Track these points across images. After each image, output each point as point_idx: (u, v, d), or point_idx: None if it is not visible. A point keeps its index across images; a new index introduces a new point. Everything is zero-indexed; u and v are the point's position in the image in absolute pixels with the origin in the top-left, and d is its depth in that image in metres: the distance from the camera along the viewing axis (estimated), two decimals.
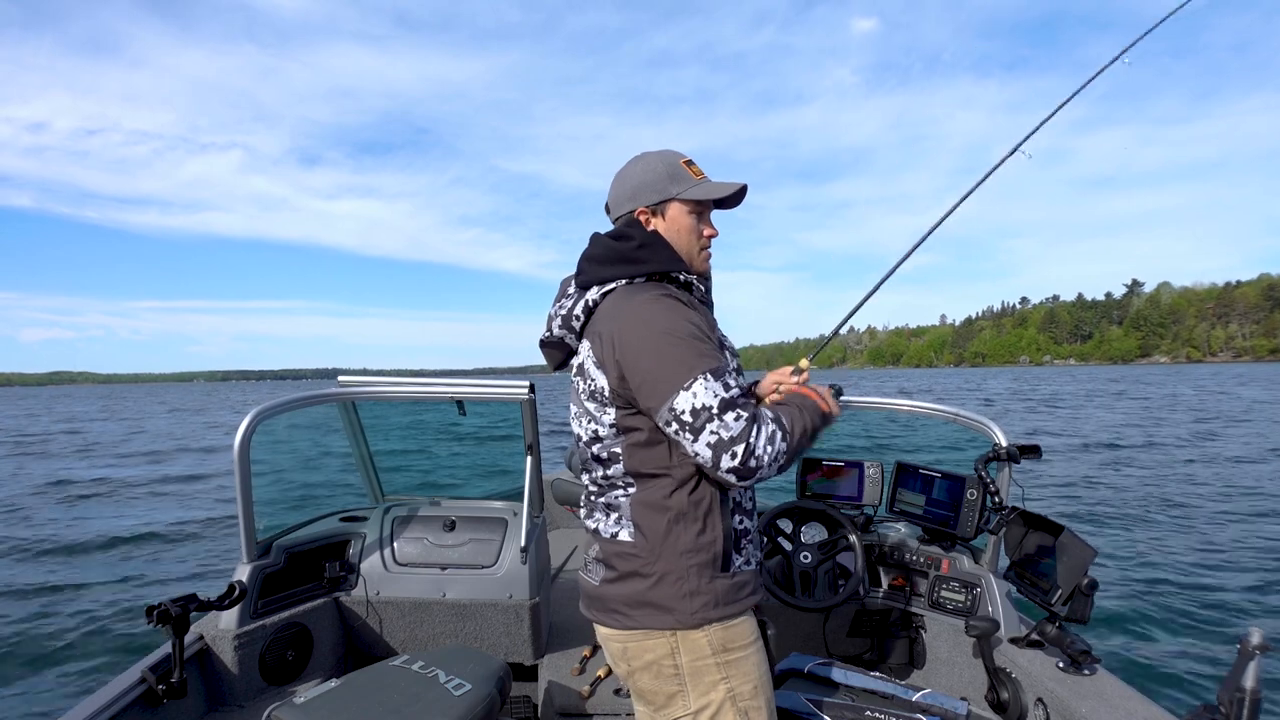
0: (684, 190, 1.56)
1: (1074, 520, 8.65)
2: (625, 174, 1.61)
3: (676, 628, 1.46)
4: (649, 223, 1.58)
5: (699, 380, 1.34)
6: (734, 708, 1.48)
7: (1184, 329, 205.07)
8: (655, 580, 1.46)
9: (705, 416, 1.33)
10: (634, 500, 1.50)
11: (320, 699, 2.09)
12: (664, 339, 1.39)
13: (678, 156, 1.60)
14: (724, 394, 1.34)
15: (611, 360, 1.46)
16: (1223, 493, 10.48)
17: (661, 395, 1.37)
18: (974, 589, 2.84)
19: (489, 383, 2.99)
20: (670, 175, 1.57)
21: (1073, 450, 15.54)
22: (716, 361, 1.39)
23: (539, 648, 3.04)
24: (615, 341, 1.45)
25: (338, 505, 3.35)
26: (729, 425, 1.32)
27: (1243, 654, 1.68)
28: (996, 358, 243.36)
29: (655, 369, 1.39)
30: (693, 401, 1.34)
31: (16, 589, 6.81)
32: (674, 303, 1.45)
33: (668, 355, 1.38)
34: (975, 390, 49.42)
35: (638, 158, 1.62)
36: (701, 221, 1.60)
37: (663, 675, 1.50)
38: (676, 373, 1.36)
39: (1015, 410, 28.91)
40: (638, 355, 1.41)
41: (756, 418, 1.35)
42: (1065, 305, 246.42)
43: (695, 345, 1.39)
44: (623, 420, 1.49)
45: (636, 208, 1.58)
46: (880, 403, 3.18)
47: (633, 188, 1.59)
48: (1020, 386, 51.33)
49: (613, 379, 1.47)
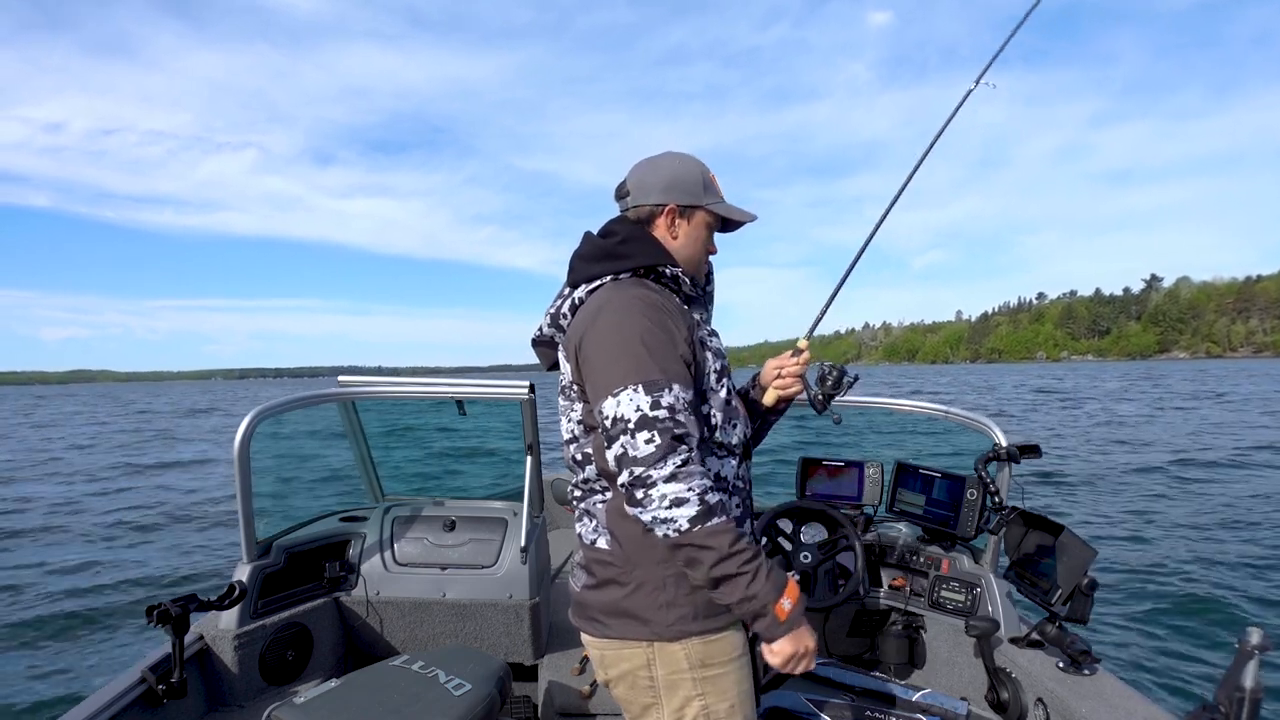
0: (713, 203, 1.57)
1: (1074, 520, 8.57)
2: (660, 164, 1.57)
3: (653, 639, 1.43)
4: (674, 222, 1.56)
5: (627, 389, 1.31)
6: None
7: (1203, 324, 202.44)
8: (632, 589, 1.44)
9: (620, 427, 1.30)
10: (609, 507, 1.48)
11: (320, 699, 2.10)
12: (618, 339, 1.37)
13: (706, 168, 1.60)
14: (647, 411, 1.29)
15: (572, 351, 1.47)
16: (1223, 492, 10.38)
17: (596, 395, 1.37)
18: (974, 589, 2.82)
19: (489, 382, 3.00)
20: (705, 184, 1.57)
21: (1074, 450, 15.41)
22: (656, 374, 1.33)
23: (539, 648, 3.04)
24: (580, 333, 1.45)
25: (338, 505, 3.37)
26: (637, 445, 1.28)
27: (1242, 653, 1.67)
28: (1013, 354, 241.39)
29: (600, 366, 1.38)
30: (615, 409, 1.31)
31: (17, 589, 6.90)
32: (646, 305, 1.41)
33: (614, 355, 1.36)
34: (995, 388, 48.90)
35: (671, 154, 1.60)
36: (711, 237, 1.62)
37: (638, 686, 1.48)
38: (611, 377, 1.34)
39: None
40: (592, 350, 1.41)
41: (672, 452, 1.27)
42: (1083, 300, 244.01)
43: (643, 353, 1.34)
44: (587, 416, 1.48)
45: (670, 202, 1.55)
46: (880, 402, 3.17)
47: (668, 181, 1.55)
48: (1053, 384, 50.53)
49: (573, 369, 1.48)
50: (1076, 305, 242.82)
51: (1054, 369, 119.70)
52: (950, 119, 2.17)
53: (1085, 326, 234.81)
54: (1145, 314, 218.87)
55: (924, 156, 2.10)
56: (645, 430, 1.28)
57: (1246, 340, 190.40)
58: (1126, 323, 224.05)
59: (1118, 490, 10.62)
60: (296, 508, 3.27)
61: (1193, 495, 10.22)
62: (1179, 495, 10.22)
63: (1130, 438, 17.42)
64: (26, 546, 8.67)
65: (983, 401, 32.67)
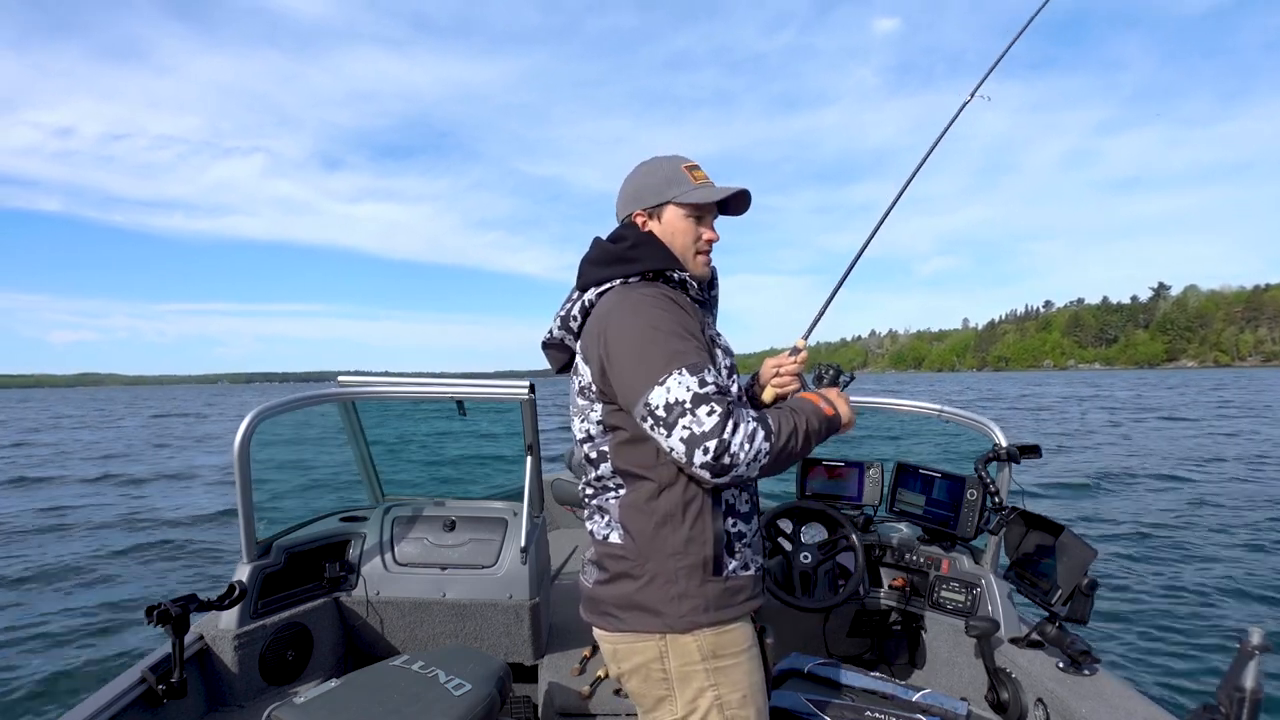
0: (680, 194, 1.59)
1: (1073, 520, 8.53)
2: (629, 179, 1.66)
3: (666, 631, 1.45)
4: (645, 225, 1.61)
5: (673, 375, 1.34)
6: (720, 716, 1.47)
7: (1212, 333, 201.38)
8: (645, 582, 1.47)
9: (678, 411, 1.32)
10: (622, 503, 1.51)
11: (320, 699, 2.10)
12: (644, 334, 1.41)
13: (680, 162, 1.63)
14: (698, 389, 1.33)
15: (595, 354, 1.49)
16: (1222, 492, 10.34)
17: (638, 390, 1.38)
18: (974, 589, 2.82)
19: (489, 383, 3.00)
20: (668, 180, 1.60)
21: (1071, 451, 15.34)
22: (695, 357, 1.38)
23: (539, 648, 3.04)
24: (600, 336, 1.48)
25: (338, 505, 3.37)
26: (701, 420, 1.31)
27: (1242, 653, 1.67)
28: (1019, 362, 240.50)
29: (634, 363, 1.40)
30: (666, 396, 1.34)
31: (16, 588, 6.92)
32: (663, 300, 1.46)
33: (646, 350, 1.39)
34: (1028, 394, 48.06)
35: (643, 163, 1.66)
36: (701, 225, 1.62)
37: (651, 679, 1.50)
38: (653, 367, 1.36)
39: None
40: (619, 350, 1.43)
41: (732, 414, 1.33)
42: (1090, 309, 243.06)
43: (675, 341, 1.39)
44: (608, 417, 1.51)
45: (634, 210, 1.62)
46: (880, 403, 3.16)
47: (633, 192, 1.63)
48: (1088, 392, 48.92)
49: (595, 373, 1.49)
50: (1084, 313, 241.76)
51: (1062, 378, 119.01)
52: (945, 131, 2.18)
53: (1093, 335, 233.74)
54: (1153, 322, 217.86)
55: (918, 168, 2.13)
56: (703, 405, 1.32)
57: (1255, 349, 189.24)
58: (1134, 331, 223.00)
59: (1117, 490, 10.58)
60: (296, 508, 3.28)
61: (1192, 495, 10.17)
62: (1179, 495, 10.17)
63: (1134, 441, 17.35)
64: (26, 546, 8.69)
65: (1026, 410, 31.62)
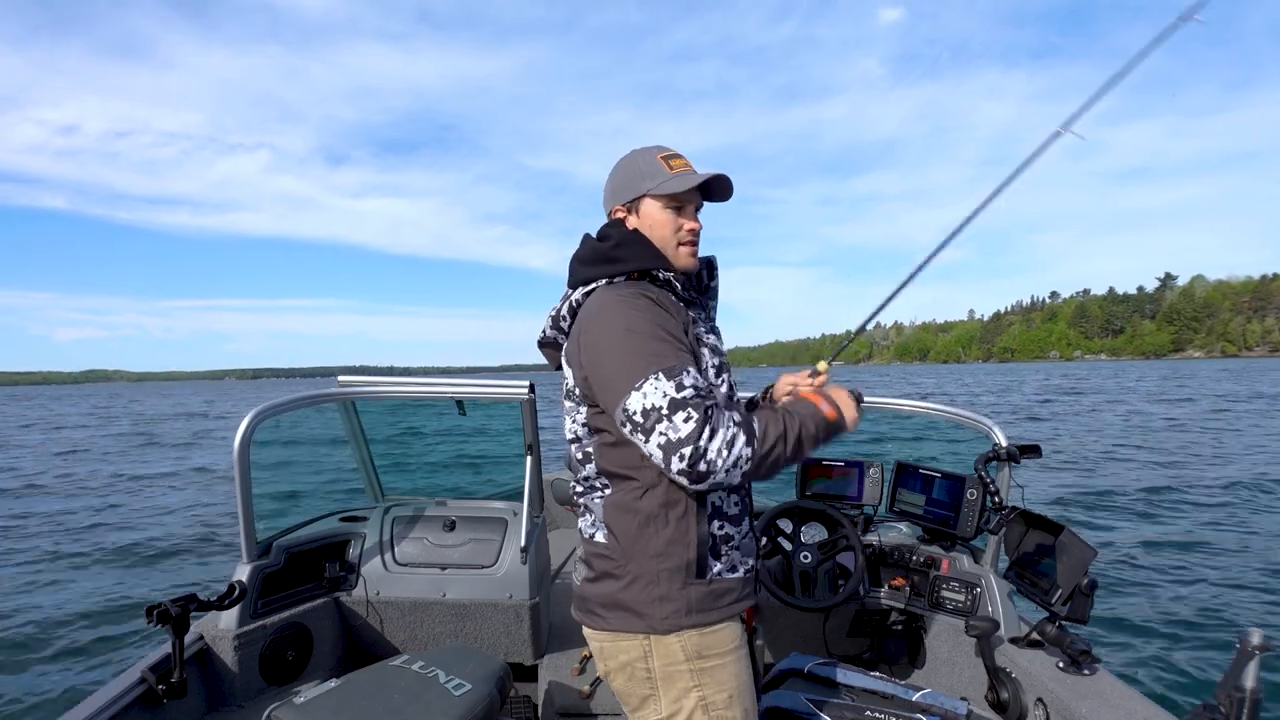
0: (655, 186, 1.55)
1: (1073, 520, 8.50)
2: (610, 174, 1.64)
3: (649, 632, 1.45)
4: (627, 220, 1.59)
5: (650, 380, 1.33)
6: (705, 716, 1.47)
7: (1219, 323, 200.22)
8: (628, 582, 1.47)
9: (655, 417, 1.31)
10: (607, 502, 1.51)
11: (320, 699, 2.11)
12: (622, 337, 1.39)
13: (657, 152, 1.59)
14: (675, 394, 1.31)
15: (576, 359, 1.48)
16: (1223, 491, 10.28)
17: (617, 395, 1.37)
18: (974, 589, 2.81)
19: (489, 383, 3.00)
20: (642, 173, 1.57)
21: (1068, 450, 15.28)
22: (674, 360, 1.36)
23: (539, 648, 3.04)
24: (580, 339, 1.47)
25: (338, 505, 3.38)
26: (677, 426, 1.29)
27: (1242, 653, 1.67)
28: (1026, 353, 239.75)
29: (612, 368, 1.39)
30: (644, 402, 1.32)
31: (15, 589, 6.94)
32: (643, 302, 1.44)
33: (624, 354, 1.37)
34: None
35: (623, 157, 1.63)
36: (682, 215, 1.57)
37: (635, 678, 1.50)
38: (631, 372, 1.35)
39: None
40: (597, 353, 1.42)
41: (710, 419, 1.31)
42: (1096, 299, 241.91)
43: (653, 344, 1.37)
44: (592, 419, 1.50)
45: (615, 206, 1.61)
46: (880, 402, 3.15)
47: (612, 187, 1.62)
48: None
49: (577, 376, 1.49)
50: (1090, 304, 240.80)
51: (1074, 368, 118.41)
52: (1027, 163, 1.82)
53: (1099, 325, 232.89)
54: (1160, 313, 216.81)
55: (994, 195, 1.81)
56: (680, 411, 1.30)
57: (1263, 339, 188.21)
58: (1141, 322, 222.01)
59: (1119, 491, 10.54)
60: (296, 508, 3.28)
61: (1193, 495, 10.12)
62: (1180, 496, 10.13)
63: (1138, 440, 17.28)
64: (27, 546, 8.73)
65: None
